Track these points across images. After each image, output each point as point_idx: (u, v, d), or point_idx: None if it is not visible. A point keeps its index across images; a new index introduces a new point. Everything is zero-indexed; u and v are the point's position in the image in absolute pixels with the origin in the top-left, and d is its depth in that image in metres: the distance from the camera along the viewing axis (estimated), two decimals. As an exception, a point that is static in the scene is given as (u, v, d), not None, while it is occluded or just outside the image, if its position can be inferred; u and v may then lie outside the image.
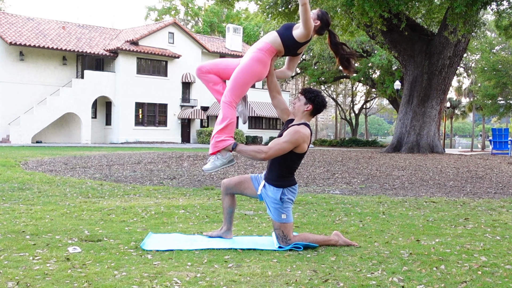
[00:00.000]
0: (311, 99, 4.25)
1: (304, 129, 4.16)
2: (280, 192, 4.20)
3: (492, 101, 39.45)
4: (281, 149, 4.11)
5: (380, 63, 36.87)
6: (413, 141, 20.53)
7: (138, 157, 15.54)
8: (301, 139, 4.11)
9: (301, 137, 4.11)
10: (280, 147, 4.11)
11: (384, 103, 70.30)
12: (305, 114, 4.27)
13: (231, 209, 4.48)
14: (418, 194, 8.13)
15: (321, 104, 4.27)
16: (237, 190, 4.46)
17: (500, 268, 3.61)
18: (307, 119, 4.28)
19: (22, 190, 7.87)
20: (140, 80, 32.68)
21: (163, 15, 53.52)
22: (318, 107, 4.27)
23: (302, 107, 4.26)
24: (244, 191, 4.44)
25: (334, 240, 4.28)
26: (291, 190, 4.24)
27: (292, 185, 4.26)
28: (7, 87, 28.91)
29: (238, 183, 4.43)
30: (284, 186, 4.21)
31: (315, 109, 4.27)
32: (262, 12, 21.19)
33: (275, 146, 4.12)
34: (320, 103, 4.27)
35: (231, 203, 4.49)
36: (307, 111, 4.25)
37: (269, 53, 4.23)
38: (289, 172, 4.25)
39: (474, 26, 17.26)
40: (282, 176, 4.23)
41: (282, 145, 4.11)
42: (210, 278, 3.30)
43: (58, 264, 3.56)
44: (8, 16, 31.02)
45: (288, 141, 4.10)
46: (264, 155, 4.11)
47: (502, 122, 67.32)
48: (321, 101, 4.27)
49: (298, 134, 4.11)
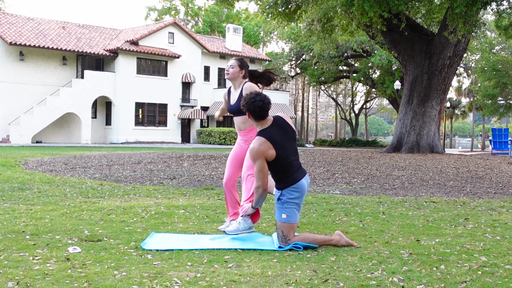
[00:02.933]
0: (244, 108, 4.26)
1: (257, 142, 4.17)
2: (279, 194, 4.29)
3: (492, 101, 39.44)
4: (259, 172, 4.18)
5: (380, 63, 36.88)
6: (413, 141, 20.52)
7: (138, 157, 15.54)
8: (259, 152, 4.14)
9: (256, 151, 4.15)
10: (257, 172, 4.19)
11: (384, 103, 70.30)
12: (252, 121, 4.34)
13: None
14: (418, 194, 8.12)
15: (251, 109, 4.20)
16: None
17: (500, 268, 3.61)
18: (258, 124, 4.29)
19: (22, 190, 7.87)
20: (140, 80, 32.68)
21: (163, 15, 53.52)
22: (253, 113, 4.22)
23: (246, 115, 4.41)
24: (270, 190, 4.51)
25: (335, 240, 4.28)
26: (292, 190, 4.25)
27: (293, 184, 4.25)
28: (7, 87, 28.91)
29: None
30: (283, 188, 4.27)
31: (253, 115, 4.24)
32: (262, 12, 21.17)
33: (256, 175, 4.22)
34: (249, 109, 4.20)
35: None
36: (250, 118, 4.30)
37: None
38: (283, 173, 4.27)
39: (474, 26, 17.25)
40: (278, 179, 4.30)
41: (256, 169, 4.21)
42: (210, 278, 3.30)
43: (58, 264, 3.56)
44: (8, 16, 31.02)
45: (254, 160, 4.19)
46: (261, 188, 4.22)
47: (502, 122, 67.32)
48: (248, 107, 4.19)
49: (252, 151, 4.17)
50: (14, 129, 28.09)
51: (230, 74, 4.78)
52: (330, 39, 23.63)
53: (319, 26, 22.02)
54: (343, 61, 43.19)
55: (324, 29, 22.27)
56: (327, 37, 23.05)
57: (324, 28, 22.24)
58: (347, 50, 40.09)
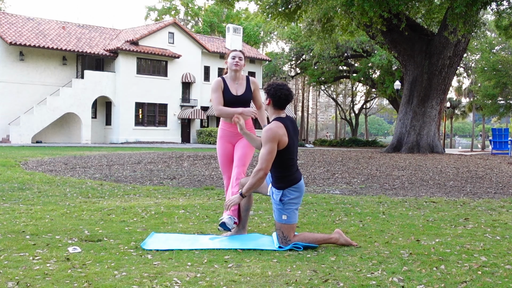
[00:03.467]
0: (268, 91, 4.26)
1: (274, 124, 4.16)
2: (280, 194, 4.20)
3: (492, 101, 39.44)
4: (268, 154, 4.10)
5: (380, 63, 36.89)
6: (413, 141, 20.53)
7: (138, 157, 15.54)
8: (276, 134, 4.10)
9: (274, 132, 4.10)
10: (266, 154, 4.10)
11: (384, 103, 70.31)
12: (270, 108, 4.29)
13: (247, 206, 4.58)
14: (418, 194, 8.12)
15: (277, 95, 4.21)
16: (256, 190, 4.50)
17: (500, 268, 3.61)
18: (276, 113, 4.27)
19: (22, 190, 7.87)
20: (140, 80, 32.68)
21: (163, 15, 53.53)
22: (276, 99, 4.23)
23: (265, 102, 4.34)
24: (261, 189, 4.48)
25: (335, 238, 4.26)
26: (292, 190, 4.21)
27: (294, 184, 4.22)
28: (7, 87, 28.91)
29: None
30: (284, 188, 4.20)
31: (274, 102, 4.24)
32: (262, 12, 21.18)
33: (263, 157, 4.12)
34: (274, 94, 4.21)
35: (249, 202, 4.57)
36: (268, 105, 4.28)
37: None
38: (286, 170, 4.22)
39: (474, 26, 17.26)
40: (280, 177, 4.22)
41: (264, 151, 4.12)
42: (210, 278, 3.30)
43: (58, 264, 3.56)
44: (8, 16, 31.02)
45: (266, 142, 4.11)
46: (262, 172, 4.13)
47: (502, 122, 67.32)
48: (274, 92, 4.21)
49: (269, 131, 4.12)
50: (14, 129, 28.09)
51: (240, 66, 4.74)
52: (330, 39, 23.65)
53: (319, 26, 22.02)
54: (343, 61, 43.20)
55: (324, 29, 22.28)
56: (327, 37, 23.06)
57: (324, 28, 22.25)
58: (347, 50, 40.10)
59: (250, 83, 4.83)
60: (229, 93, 4.73)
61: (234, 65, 4.72)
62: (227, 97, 4.73)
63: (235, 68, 4.73)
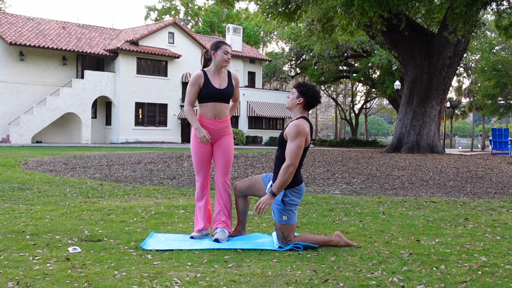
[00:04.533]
0: (303, 92, 4.26)
1: (302, 121, 4.17)
2: (282, 194, 4.19)
3: (492, 101, 39.43)
4: (298, 148, 4.09)
5: (380, 63, 36.88)
6: (413, 141, 20.52)
7: (138, 157, 15.54)
8: (303, 130, 4.11)
9: (302, 128, 4.11)
10: (296, 148, 4.09)
11: (384, 103, 70.30)
12: (299, 107, 4.27)
13: (244, 210, 4.59)
14: (418, 194, 8.12)
15: (313, 97, 4.26)
16: (249, 192, 4.51)
17: (500, 268, 3.61)
18: (302, 112, 4.28)
19: (22, 190, 7.87)
20: (140, 80, 32.68)
21: (163, 15, 53.53)
22: (310, 100, 4.26)
23: (294, 100, 4.28)
24: (256, 192, 4.48)
25: (335, 241, 4.27)
26: (294, 191, 4.21)
27: (297, 185, 4.22)
28: (7, 87, 28.91)
29: (250, 185, 4.48)
30: (287, 188, 4.20)
31: (307, 102, 4.26)
32: (262, 12, 21.17)
33: (292, 152, 4.08)
34: (311, 96, 4.25)
35: (245, 204, 4.58)
36: (299, 104, 4.26)
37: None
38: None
39: (474, 26, 17.26)
40: None
41: (294, 146, 4.09)
42: (210, 278, 3.30)
43: (58, 264, 3.56)
44: (8, 16, 31.03)
45: (295, 137, 4.09)
46: (293, 167, 4.09)
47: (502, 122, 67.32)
48: (312, 94, 4.25)
49: (298, 127, 4.11)
50: (14, 129, 28.09)
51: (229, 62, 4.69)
52: (330, 39, 23.63)
53: (319, 26, 22.01)
54: (343, 61, 43.19)
55: (324, 29, 22.26)
56: (327, 37, 23.05)
57: (324, 28, 22.24)
58: (347, 50, 40.10)
59: (232, 78, 4.70)
60: (212, 86, 4.53)
61: (225, 61, 4.60)
62: (210, 90, 4.52)
63: (225, 64, 4.62)
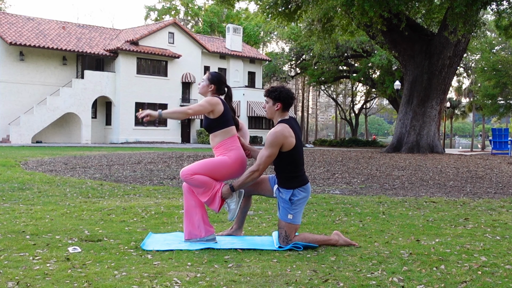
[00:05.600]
0: (277, 97, 4.29)
1: (280, 127, 4.20)
2: (290, 193, 4.23)
3: (492, 101, 39.44)
4: (268, 157, 4.18)
5: (380, 63, 36.87)
6: (413, 141, 20.53)
7: (138, 157, 15.54)
8: (280, 138, 4.14)
9: (279, 136, 4.14)
10: (266, 156, 4.18)
11: (384, 103, 70.29)
12: (278, 112, 4.32)
13: (245, 209, 4.60)
14: (418, 194, 8.12)
15: (288, 97, 4.30)
16: (255, 192, 4.53)
17: (500, 268, 3.61)
18: (282, 116, 4.32)
19: (22, 190, 7.87)
20: (140, 80, 32.68)
21: (163, 15, 53.53)
22: (287, 101, 4.30)
23: (272, 108, 4.32)
24: (261, 192, 4.51)
25: (334, 239, 4.28)
26: (301, 190, 4.25)
27: (303, 185, 4.26)
28: (7, 87, 28.91)
29: (256, 185, 4.49)
30: (294, 187, 4.23)
31: (284, 104, 4.30)
32: (262, 12, 21.18)
33: (261, 159, 4.19)
34: (286, 97, 4.29)
35: (247, 203, 4.59)
36: (278, 109, 4.30)
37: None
38: (295, 170, 4.26)
39: (474, 26, 17.26)
40: (289, 177, 4.24)
41: (266, 153, 4.18)
42: (210, 278, 3.30)
43: (58, 264, 3.56)
44: (8, 16, 31.03)
45: (269, 146, 4.17)
46: (257, 172, 4.20)
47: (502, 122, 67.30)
48: (286, 95, 4.29)
49: (274, 135, 4.16)
50: (14, 129, 28.09)
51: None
52: (330, 39, 23.64)
53: (319, 26, 22.02)
54: (343, 61, 43.19)
55: (324, 29, 22.27)
56: (327, 37, 23.05)
57: (324, 28, 22.25)
58: (347, 50, 40.10)
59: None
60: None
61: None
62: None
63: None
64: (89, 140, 30.69)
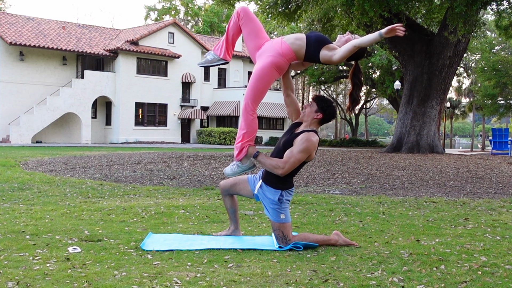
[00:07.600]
0: (323, 108, 4.26)
1: (314, 136, 4.18)
2: (278, 194, 4.22)
3: (492, 101, 39.44)
4: (298, 161, 4.15)
5: (380, 63, 36.86)
6: (413, 141, 20.53)
7: (138, 157, 15.54)
8: (312, 147, 4.14)
9: (312, 145, 4.14)
10: (297, 160, 4.14)
11: (384, 103, 70.25)
12: (314, 121, 4.28)
13: (233, 208, 4.57)
14: (418, 194, 8.12)
15: (331, 115, 4.29)
16: (233, 191, 4.52)
17: (500, 268, 3.61)
18: (315, 126, 4.29)
19: (22, 190, 7.87)
20: (140, 80, 32.68)
21: (163, 15, 53.54)
22: (328, 117, 4.29)
23: (312, 114, 4.26)
24: (240, 192, 4.49)
25: (334, 239, 4.28)
26: (289, 192, 4.29)
27: (291, 188, 4.31)
28: (7, 87, 28.91)
29: (234, 185, 4.49)
30: (283, 189, 4.24)
31: (324, 118, 4.28)
32: (262, 12, 21.19)
33: (290, 160, 4.13)
34: (330, 114, 4.28)
35: (232, 203, 4.56)
36: (316, 119, 4.26)
37: (290, 60, 4.18)
38: (291, 177, 4.29)
39: (474, 26, 17.27)
40: (283, 180, 4.24)
41: (297, 156, 4.13)
42: (210, 278, 3.30)
43: (58, 264, 3.56)
44: (8, 16, 31.03)
45: (303, 151, 4.12)
46: (281, 171, 4.15)
47: (502, 122, 67.30)
48: (332, 112, 4.29)
49: (309, 142, 4.12)
50: (14, 129, 28.09)
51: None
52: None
53: (319, 26, 22.04)
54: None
55: (324, 29, 22.28)
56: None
57: (324, 28, 22.26)
58: (347, 50, 40.02)
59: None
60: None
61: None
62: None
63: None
64: (89, 140, 30.69)
